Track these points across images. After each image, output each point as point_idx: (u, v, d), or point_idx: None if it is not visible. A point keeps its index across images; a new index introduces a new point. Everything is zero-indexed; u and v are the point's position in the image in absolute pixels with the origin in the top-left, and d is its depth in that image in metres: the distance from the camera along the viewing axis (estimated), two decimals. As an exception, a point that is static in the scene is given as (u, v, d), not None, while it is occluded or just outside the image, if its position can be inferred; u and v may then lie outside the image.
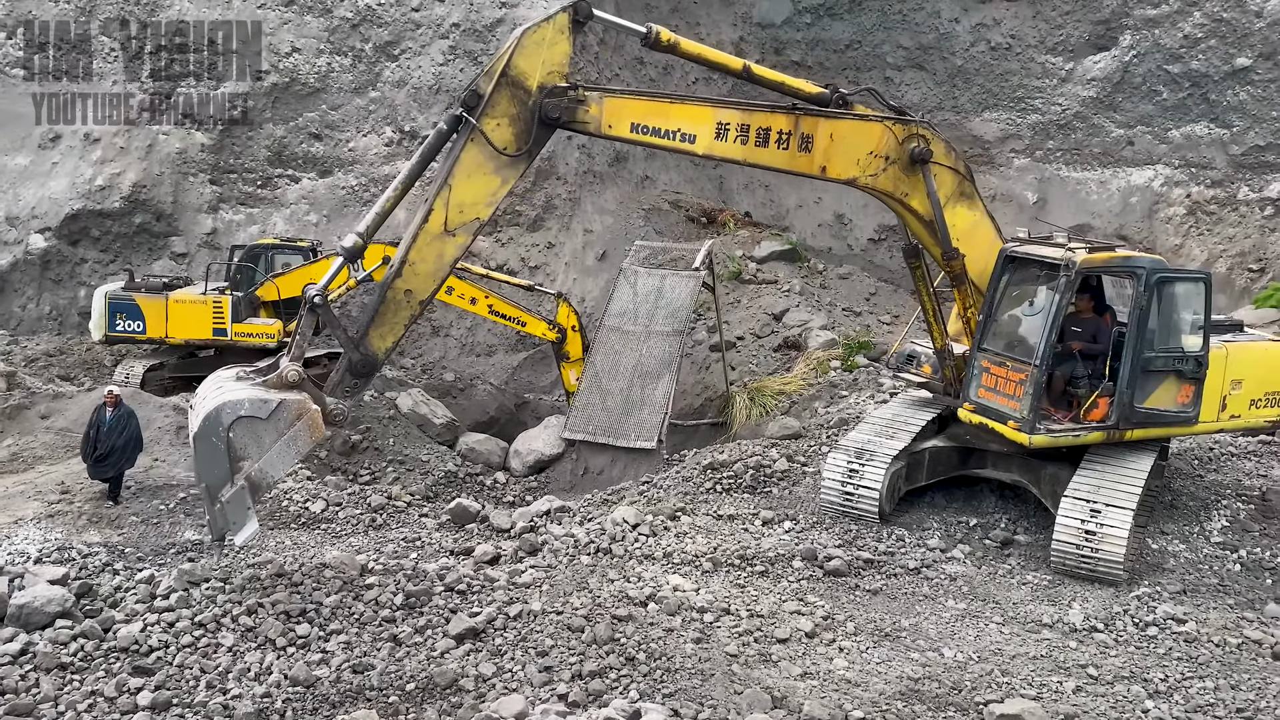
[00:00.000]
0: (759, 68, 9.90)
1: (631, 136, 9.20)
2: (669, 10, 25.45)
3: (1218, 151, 22.41)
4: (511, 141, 8.68)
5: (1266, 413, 11.23)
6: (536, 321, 18.02)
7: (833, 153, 9.74)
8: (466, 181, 8.75)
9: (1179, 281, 10.91)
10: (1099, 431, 10.45)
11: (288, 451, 8.30)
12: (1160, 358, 10.51)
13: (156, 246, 22.98)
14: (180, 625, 8.30)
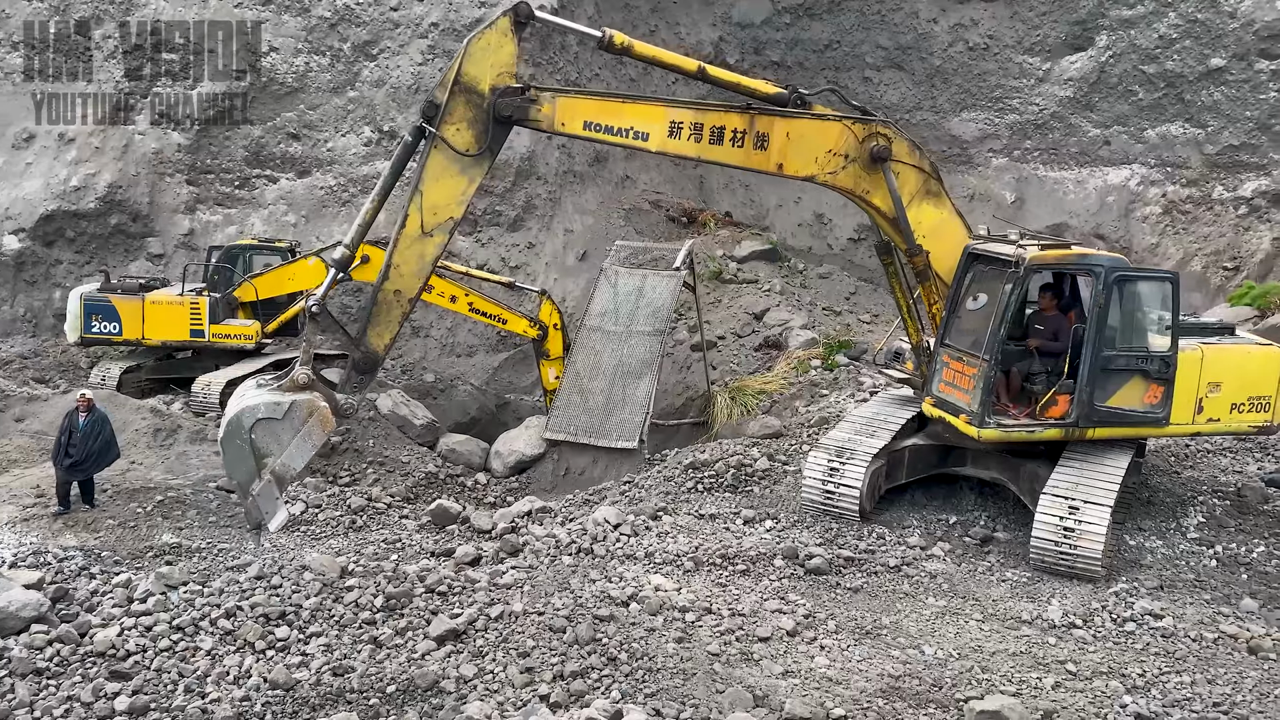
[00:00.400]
0: (713, 69, 10.19)
1: (585, 134, 9.61)
2: (649, 10, 25.47)
3: (1193, 151, 22.63)
4: (472, 143, 9.21)
5: (1250, 417, 10.98)
6: (517, 319, 17.97)
7: (789, 151, 10.00)
8: (435, 185, 9.30)
9: (1142, 281, 10.93)
10: (1057, 429, 10.52)
11: (304, 445, 9.18)
12: (1122, 356, 10.51)
13: (133, 248, 22.76)
14: (158, 629, 8.24)
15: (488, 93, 9.16)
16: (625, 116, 9.60)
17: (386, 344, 9.69)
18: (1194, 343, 10.89)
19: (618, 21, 24.67)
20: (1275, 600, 9.78)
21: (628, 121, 9.59)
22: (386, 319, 9.60)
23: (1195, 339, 10.96)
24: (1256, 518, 11.20)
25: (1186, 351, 10.68)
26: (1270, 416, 10.96)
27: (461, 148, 9.16)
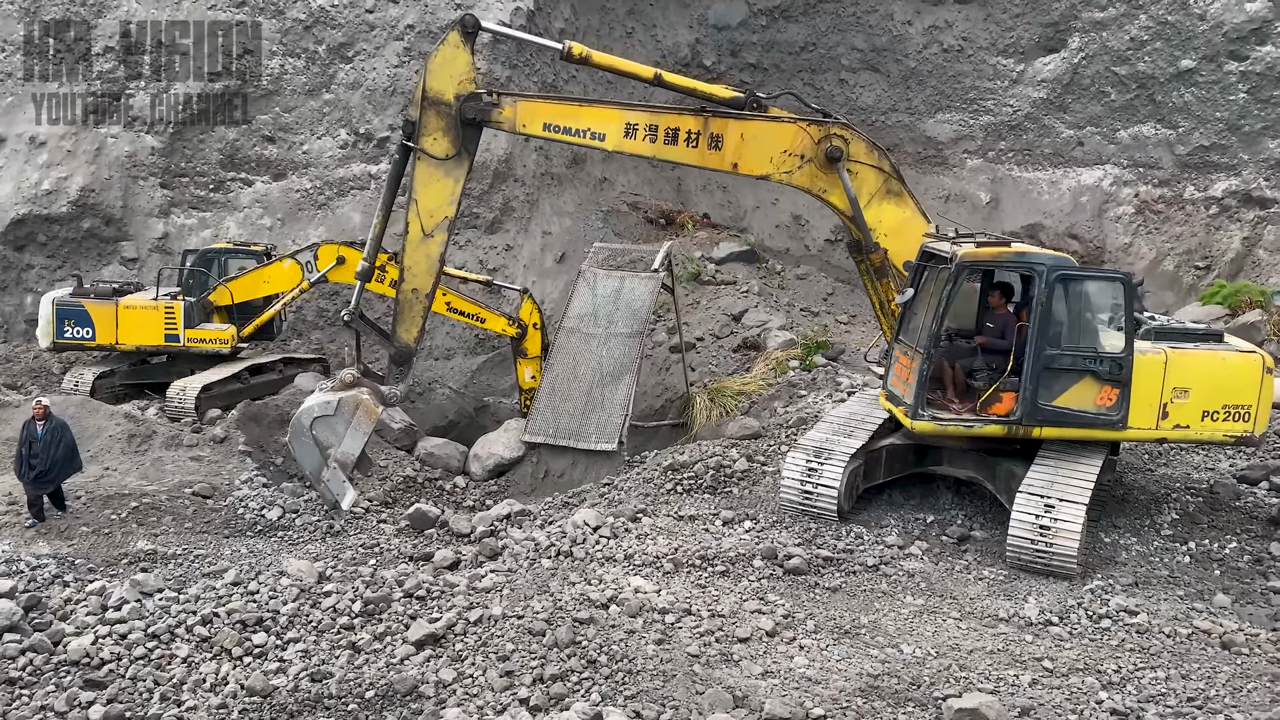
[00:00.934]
0: (669, 75, 10.86)
1: (545, 135, 10.50)
2: (625, 12, 25.49)
3: (1164, 151, 22.88)
4: (449, 147, 10.25)
5: (1227, 426, 10.54)
6: (495, 317, 17.92)
7: (744, 151, 10.54)
8: (426, 191, 10.45)
9: (1089, 281, 10.82)
10: (999, 426, 10.64)
11: (356, 434, 11.07)
12: (1067, 356, 10.51)
13: (106, 252, 22.53)
14: (133, 637, 8.16)
15: (453, 101, 10.14)
16: (582, 118, 10.39)
17: (415, 336, 11.27)
18: (1157, 346, 10.69)
19: (594, 24, 24.73)
20: (1247, 596, 9.90)
21: (585, 123, 10.37)
22: (410, 315, 11.20)
23: (1162, 343, 10.76)
24: (1228, 514, 11.32)
25: (1147, 355, 10.51)
26: (1251, 426, 10.50)
27: (440, 154, 10.20)
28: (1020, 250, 11.08)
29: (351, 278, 17.47)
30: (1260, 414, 10.55)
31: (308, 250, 18.02)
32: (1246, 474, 12.07)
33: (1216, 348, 10.87)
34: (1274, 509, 11.28)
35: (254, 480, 13.97)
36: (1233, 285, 19.21)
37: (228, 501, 13.08)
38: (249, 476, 14.06)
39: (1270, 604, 9.77)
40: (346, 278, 18.05)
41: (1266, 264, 21.24)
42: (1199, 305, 18.78)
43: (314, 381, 17.80)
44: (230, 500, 13.12)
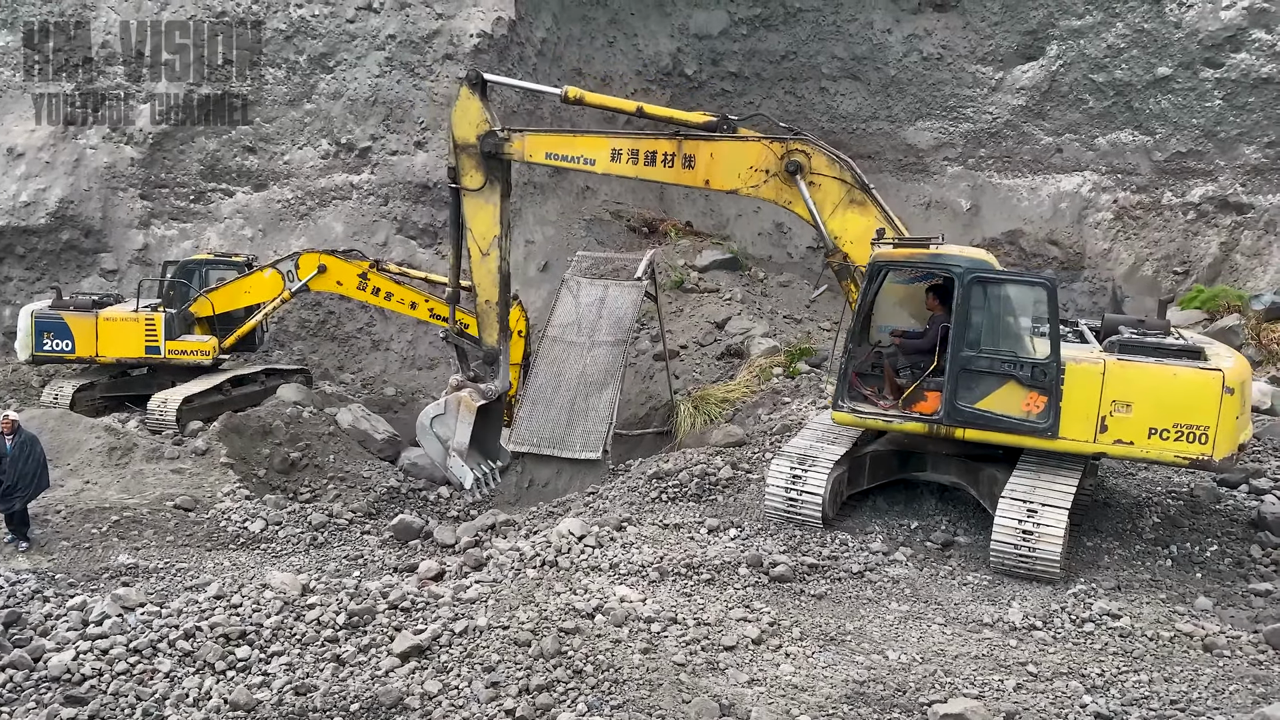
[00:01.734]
0: (650, 107, 12.31)
1: (547, 162, 12.20)
2: (606, 22, 25.56)
3: (1142, 158, 23.08)
4: (481, 180, 12.31)
5: (1179, 447, 9.86)
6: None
7: (714, 168, 11.53)
8: (474, 219, 12.67)
9: (1010, 285, 10.69)
10: (920, 424, 10.77)
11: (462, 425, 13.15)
12: (985, 359, 10.47)
13: (85, 264, 22.39)
14: (115, 652, 8.08)
15: (476, 142, 12.08)
16: (576, 146, 12.02)
17: (495, 339, 13.54)
18: (1096, 355, 10.33)
19: (576, 33, 24.79)
20: (1228, 598, 9.97)
21: (578, 150, 11.99)
22: (488, 322, 13.48)
23: (1112, 354, 10.28)
24: (1209, 517, 11.40)
25: (1082, 364, 10.18)
26: (1209, 450, 9.78)
27: (476, 187, 12.27)
28: (935, 252, 11.02)
29: (332, 285, 17.54)
30: (1220, 436, 9.75)
31: (289, 259, 17.98)
32: (1226, 478, 12.15)
33: (1172, 362, 10.06)
34: (1254, 512, 11.37)
35: (236, 492, 13.91)
36: (1211, 290, 19.38)
37: (210, 514, 13.01)
38: (231, 489, 14.00)
39: (1251, 606, 9.84)
40: (328, 286, 18.02)
41: (1244, 268, 21.46)
42: (1178, 310, 18.94)
43: (297, 393, 17.74)
44: (212, 513, 13.05)
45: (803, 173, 11.18)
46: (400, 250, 21.98)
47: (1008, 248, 24.03)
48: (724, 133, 11.48)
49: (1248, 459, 12.33)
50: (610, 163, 11.73)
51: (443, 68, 22.41)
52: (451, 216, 12.70)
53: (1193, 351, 10.16)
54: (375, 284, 17.72)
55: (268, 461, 15.86)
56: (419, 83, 22.49)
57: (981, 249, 12.14)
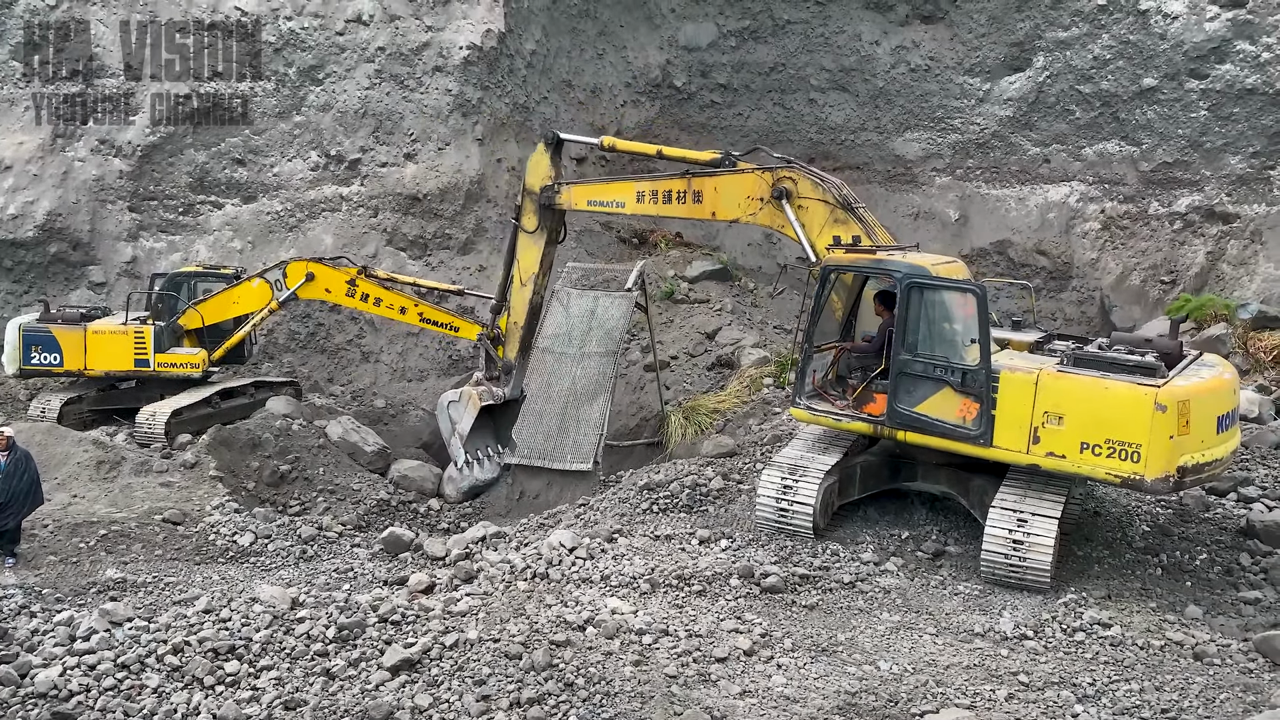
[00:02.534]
0: (667, 149, 13.38)
1: (588, 209, 13.79)
2: (596, 34, 25.64)
3: (1129, 168, 23.24)
4: (535, 225, 13.75)
5: (1110, 464, 9.54)
6: (469, 325, 17.90)
7: (718, 201, 12.40)
8: (523, 255, 14.15)
9: (943, 290, 10.73)
10: (867, 424, 11.05)
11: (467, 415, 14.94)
12: (920, 363, 10.59)
13: (73, 276, 22.28)
14: (102, 667, 8.02)
15: (538, 191, 13.47)
16: (609, 193, 13.33)
17: (514, 355, 14.98)
18: (1031, 364, 10.23)
19: (565, 45, 24.86)
20: (1218, 607, 10.00)
21: (611, 196, 13.27)
22: (511, 340, 14.82)
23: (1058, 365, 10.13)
24: (1198, 525, 11.44)
25: (1016, 373, 10.05)
26: (1141, 468, 9.41)
27: (530, 229, 13.74)
28: (878, 258, 11.28)
29: (321, 293, 17.55)
30: (1154, 456, 9.36)
31: (276, 269, 17.94)
32: (1215, 485, 12.19)
33: (1113, 376, 9.72)
34: (1242, 520, 11.41)
35: (225, 506, 13.84)
36: (1198, 299, 19.47)
37: (199, 528, 12.95)
38: (220, 502, 13.94)
39: (1241, 614, 9.88)
40: (316, 294, 17.98)
41: (1230, 277, 21.59)
42: (1165, 319, 19.02)
43: (286, 405, 17.68)
44: (201, 526, 12.99)
45: (790, 198, 11.80)
46: (390, 262, 21.96)
47: (996, 258, 24.15)
48: (725, 167, 12.39)
49: (1235, 467, 12.38)
50: (636, 204, 12.96)
51: (432, 80, 22.44)
52: (508, 245, 14.23)
53: (1147, 367, 9.72)
54: (364, 290, 17.70)
55: (257, 474, 15.79)
56: (408, 95, 22.51)
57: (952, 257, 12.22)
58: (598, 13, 25.51)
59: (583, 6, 25.18)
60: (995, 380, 10.09)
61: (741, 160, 12.47)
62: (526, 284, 13.97)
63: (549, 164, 13.24)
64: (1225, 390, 9.99)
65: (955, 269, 11.17)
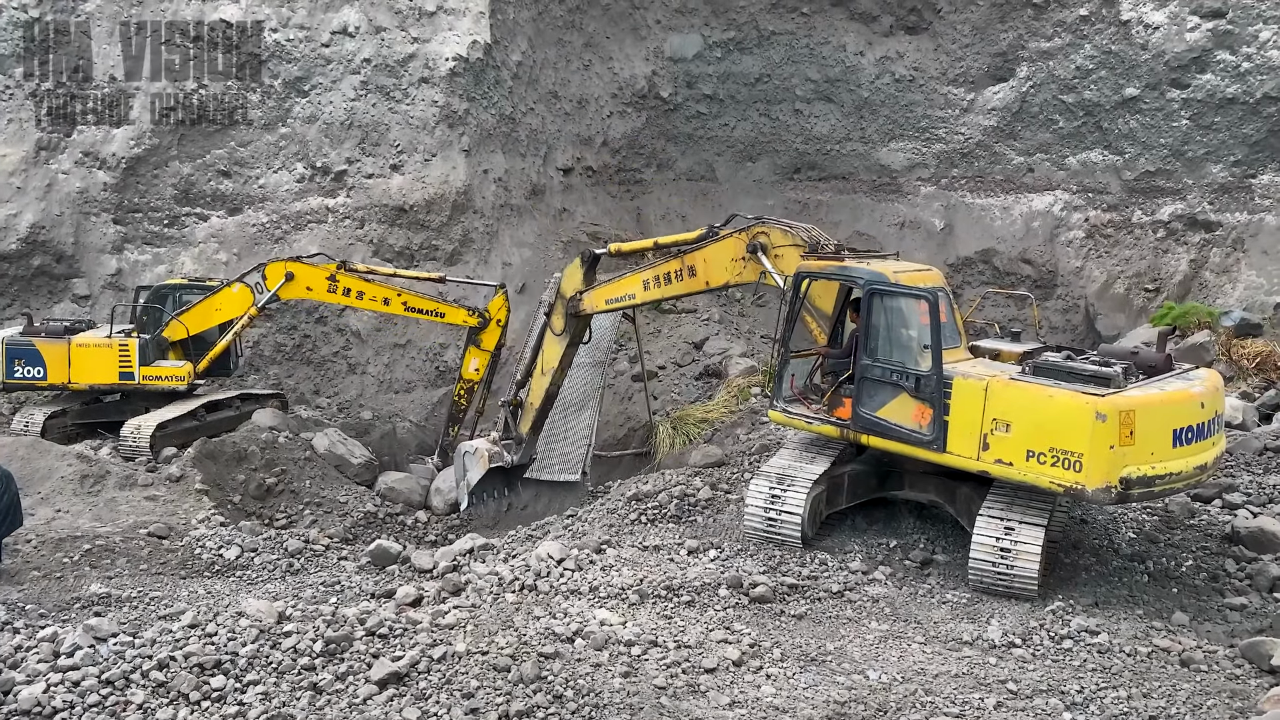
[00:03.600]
0: (662, 238, 14.18)
1: (607, 308, 14.11)
2: (582, 45, 25.71)
3: (1112, 177, 23.40)
4: (562, 327, 14.32)
5: (1054, 472, 9.53)
6: (454, 310, 17.88)
7: (709, 270, 12.89)
8: (548, 348, 14.59)
9: (902, 297, 10.83)
10: (834, 427, 11.25)
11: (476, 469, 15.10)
12: (879, 368, 10.79)
13: (57, 289, 22.16)
14: (86, 684, 7.94)
15: (569, 298, 14.07)
16: (621, 288, 13.74)
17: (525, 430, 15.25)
18: (983, 371, 10.28)
19: (551, 57, 24.91)
20: (1205, 613, 10.04)
21: (623, 290, 13.72)
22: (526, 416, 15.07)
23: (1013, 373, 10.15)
24: (1184, 532, 11.50)
25: (968, 379, 10.12)
26: (1082, 478, 9.39)
27: (557, 330, 14.33)
28: (843, 264, 11.52)
29: (302, 291, 17.46)
30: (1094, 466, 9.31)
31: (255, 271, 17.81)
32: (1200, 492, 12.26)
33: (1063, 385, 9.72)
34: (1228, 526, 11.47)
35: (211, 519, 13.76)
36: (1181, 307, 19.63)
37: (184, 541, 12.86)
38: (206, 515, 13.85)
39: (1227, 621, 9.92)
40: (298, 293, 17.86)
41: (1213, 285, 21.74)
42: (1149, 327, 19.16)
43: (272, 418, 17.59)
44: (187, 540, 12.90)
45: (765, 250, 12.27)
46: (377, 273, 21.92)
47: (981, 267, 24.27)
48: (709, 238, 12.97)
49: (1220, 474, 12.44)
50: (644, 292, 13.57)
51: (418, 91, 22.45)
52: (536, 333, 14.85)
53: (1102, 378, 9.66)
54: (345, 284, 17.58)
55: (243, 487, 15.71)
56: (395, 106, 22.51)
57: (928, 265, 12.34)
58: (584, 24, 25.58)
59: (569, 18, 25.25)
60: (949, 387, 10.22)
61: (721, 229, 13.07)
62: (546, 374, 14.56)
63: (582, 277, 14.01)
64: (1187, 403, 9.77)
65: (928, 277, 11.21)
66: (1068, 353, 10.95)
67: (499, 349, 18.03)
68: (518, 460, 15.47)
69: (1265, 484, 12.45)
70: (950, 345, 10.66)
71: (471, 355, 18.16)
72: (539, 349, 14.68)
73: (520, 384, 15.32)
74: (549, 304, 14.58)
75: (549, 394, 14.76)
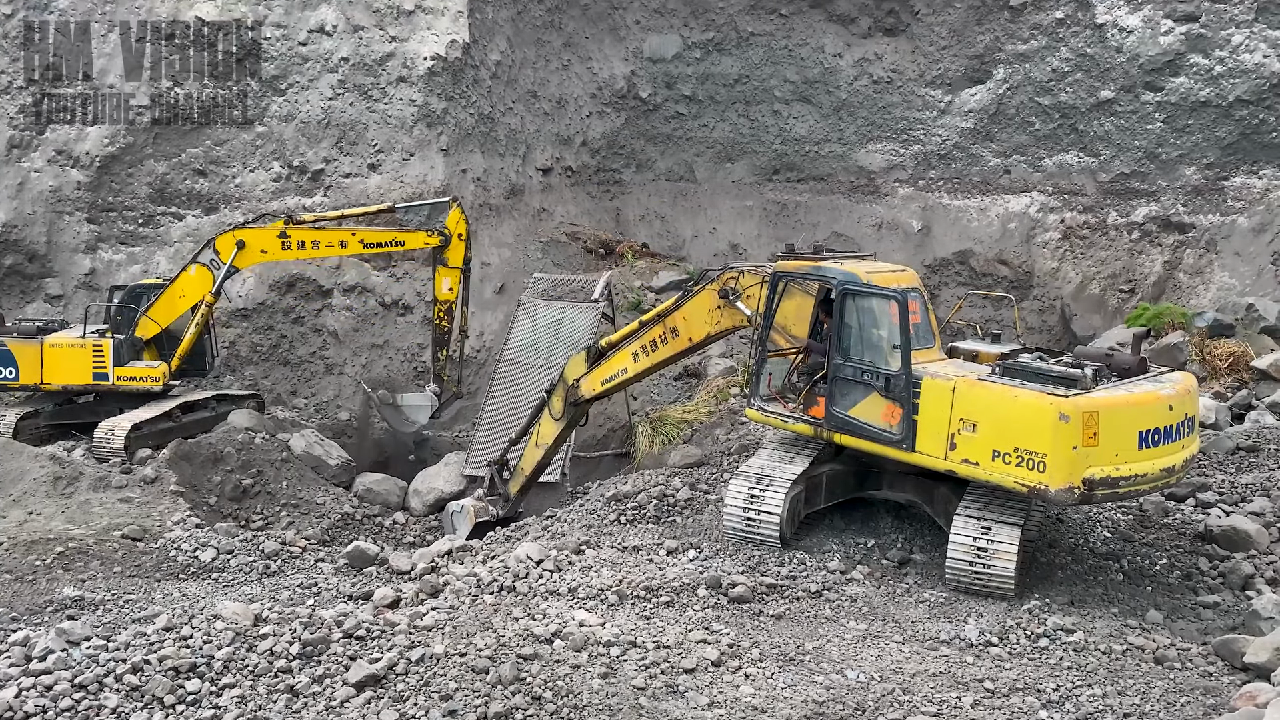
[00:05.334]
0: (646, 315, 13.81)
1: (603, 389, 13.80)
2: (561, 45, 25.67)
3: (1088, 179, 23.62)
4: (560, 411, 14.07)
5: (1018, 473, 9.57)
6: (412, 234, 17.66)
7: (690, 327, 12.82)
8: (544, 426, 14.37)
9: (873, 297, 10.93)
10: (808, 426, 11.38)
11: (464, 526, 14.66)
12: (850, 368, 10.92)
13: (29, 289, 21.90)
14: (59, 688, 7.85)
15: (571, 382, 13.85)
16: (613, 366, 13.51)
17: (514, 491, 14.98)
18: (951, 371, 10.36)
19: (530, 56, 24.87)
20: (1178, 611, 10.15)
21: (615, 368, 13.50)
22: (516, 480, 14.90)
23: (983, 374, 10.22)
24: (1158, 531, 11.62)
25: (936, 379, 10.21)
26: (1046, 479, 9.43)
27: (555, 414, 14.14)
28: (817, 264, 11.67)
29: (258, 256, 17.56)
30: (1057, 466, 9.36)
31: (206, 249, 17.53)
32: (1174, 491, 12.38)
33: (1028, 385, 9.78)
34: (1201, 525, 11.60)
35: (186, 521, 13.65)
36: (1156, 308, 19.82)
37: (159, 544, 12.75)
38: (181, 517, 13.74)
39: (1200, 619, 10.03)
40: (253, 259, 17.49)
41: (1186, 286, 21.99)
42: (1124, 327, 19.33)
43: (248, 419, 17.44)
44: (162, 542, 12.79)
45: (737, 295, 12.28)
46: (354, 273, 21.81)
47: (958, 268, 24.42)
48: (683, 298, 13.06)
49: (1193, 473, 12.58)
50: (634, 364, 13.41)
51: (396, 90, 22.35)
52: (535, 405, 14.74)
53: (1069, 379, 9.72)
54: (297, 237, 17.21)
55: (219, 489, 15.59)
56: (372, 105, 22.39)
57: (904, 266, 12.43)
58: (563, 24, 25.55)
59: (548, 18, 25.21)
60: (918, 386, 10.31)
61: (695, 287, 13.25)
62: (540, 448, 14.48)
63: (584, 364, 14.00)
64: (1153, 405, 9.80)
65: (903, 278, 11.28)
66: (1040, 354, 11.03)
67: (467, 264, 17.66)
68: (504, 515, 15.32)
69: (1238, 483, 12.59)
70: (923, 346, 10.73)
71: (441, 275, 17.73)
72: (535, 419, 14.59)
73: (512, 444, 15.12)
74: (552, 380, 14.60)
75: (540, 466, 14.80)
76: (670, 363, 13.99)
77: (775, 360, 12.20)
